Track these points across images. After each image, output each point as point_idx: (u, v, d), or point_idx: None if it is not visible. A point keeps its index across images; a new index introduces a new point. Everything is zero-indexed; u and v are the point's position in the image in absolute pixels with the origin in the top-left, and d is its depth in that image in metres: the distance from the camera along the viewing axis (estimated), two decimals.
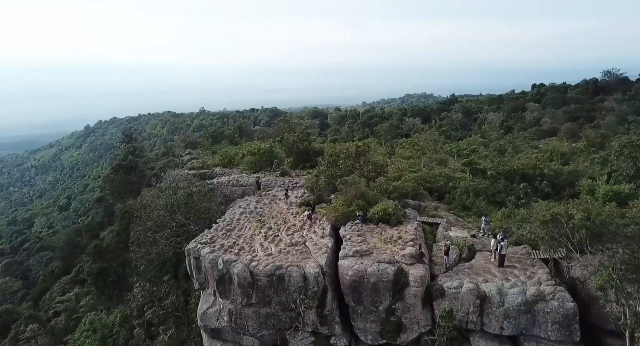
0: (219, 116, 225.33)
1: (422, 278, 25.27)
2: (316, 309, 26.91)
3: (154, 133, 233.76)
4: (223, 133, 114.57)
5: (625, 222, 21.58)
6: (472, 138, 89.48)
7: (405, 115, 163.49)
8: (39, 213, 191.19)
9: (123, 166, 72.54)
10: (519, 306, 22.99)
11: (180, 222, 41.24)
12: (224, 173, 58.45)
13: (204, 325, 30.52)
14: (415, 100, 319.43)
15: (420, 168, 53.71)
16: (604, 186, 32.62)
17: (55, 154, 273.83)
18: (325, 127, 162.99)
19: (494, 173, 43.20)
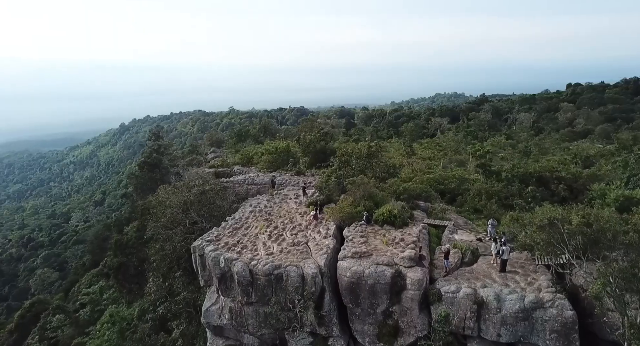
0: (247, 115, 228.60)
1: (420, 282, 24.92)
2: (314, 310, 26.97)
3: (185, 131, 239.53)
4: (248, 132, 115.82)
5: (624, 228, 20.57)
6: (496, 139, 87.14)
7: (433, 115, 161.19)
8: (76, 208, 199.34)
9: (148, 163, 74.57)
10: (517, 313, 22.34)
11: (193, 219, 42.12)
12: (242, 172, 59.26)
13: (206, 322, 31.10)
14: (445, 99, 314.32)
15: (437, 169, 52.97)
16: (615, 191, 31.14)
17: (92, 151, 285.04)
18: (351, 127, 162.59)
19: (508, 176, 42.04)
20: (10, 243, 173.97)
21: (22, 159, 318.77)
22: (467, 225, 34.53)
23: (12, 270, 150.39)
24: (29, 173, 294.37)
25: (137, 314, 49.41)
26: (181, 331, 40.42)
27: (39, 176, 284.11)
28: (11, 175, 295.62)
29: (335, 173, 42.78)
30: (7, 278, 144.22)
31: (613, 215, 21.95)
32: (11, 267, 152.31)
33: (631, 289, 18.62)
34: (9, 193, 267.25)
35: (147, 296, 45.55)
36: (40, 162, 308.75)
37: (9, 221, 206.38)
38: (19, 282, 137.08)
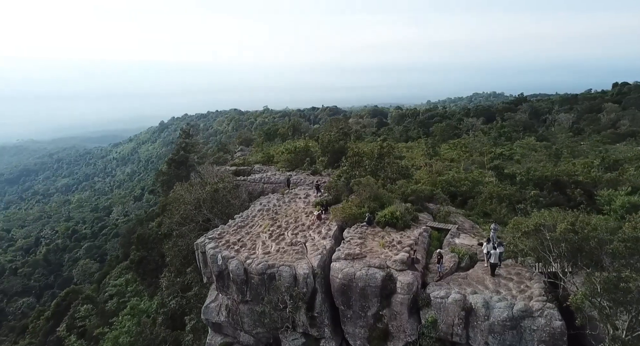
0: (280, 114, 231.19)
1: (409, 286, 24.51)
2: (306, 310, 27.07)
3: (220, 129, 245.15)
4: (277, 132, 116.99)
5: (609, 237, 19.44)
6: (525, 140, 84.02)
7: (467, 115, 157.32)
8: (117, 202, 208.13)
9: (174, 160, 76.96)
10: (504, 322, 21.60)
11: (205, 216, 43.22)
12: (261, 170, 60.17)
13: (205, 318, 31.86)
14: (483, 99, 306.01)
15: (456, 171, 51.79)
16: (622, 197, 29.33)
17: (134, 148, 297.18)
18: (382, 126, 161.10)
19: (523, 179, 40.53)
20: (57, 234, 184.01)
21: (70, 155, 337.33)
22: (473, 229, 33.61)
23: (57, 259, 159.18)
24: (75, 168, 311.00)
25: (156, 307, 51.19)
26: (192, 326, 41.53)
27: (85, 171, 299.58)
28: (60, 169, 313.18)
29: (346, 174, 42.71)
30: (54, 267, 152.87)
31: (600, 223, 20.78)
32: (57, 257, 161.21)
33: (615, 301, 17.61)
34: (58, 186, 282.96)
35: (159, 291, 47.09)
36: (86, 157, 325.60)
37: (57, 213, 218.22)
38: (63, 271, 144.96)
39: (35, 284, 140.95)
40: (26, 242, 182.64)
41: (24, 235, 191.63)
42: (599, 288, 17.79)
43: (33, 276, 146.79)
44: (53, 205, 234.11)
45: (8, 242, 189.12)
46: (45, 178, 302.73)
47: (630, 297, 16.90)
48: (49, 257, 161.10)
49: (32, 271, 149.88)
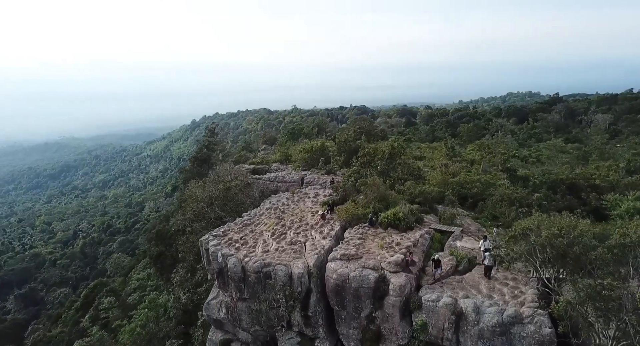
0: (308, 114, 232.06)
1: (401, 288, 24.22)
2: (300, 310, 27.15)
3: (249, 128, 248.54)
4: (302, 131, 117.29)
5: (595, 243, 18.56)
6: (552, 142, 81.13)
7: (498, 115, 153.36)
8: (149, 198, 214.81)
9: (197, 158, 78.86)
10: (494, 327, 21.06)
11: (217, 213, 44.06)
12: (278, 169, 60.65)
13: (207, 314, 32.48)
14: (518, 99, 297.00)
15: (477, 172, 50.71)
16: (627, 202, 27.81)
17: (166, 146, 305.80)
18: (411, 126, 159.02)
19: (536, 182, 39.21)
20: (93, 228, 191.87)
21: (107, 152, 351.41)
22: (479, 232, 32.80)
23: (93, 252, 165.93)
24: (112, 164, 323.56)
25: (172, 302, 52.50)
26: (202, 322, 42.38)
27: (120, 167, 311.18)
28: (97, 166, 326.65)
29: (356, 174, 42.61)
30: (89, 259, 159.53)
31: (588, 228, 19.84)
32: (93, 250, 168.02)
33: (598, 309, 16.87)
34: (95, 182, 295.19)
35: (170, 286, 48.28)
36: (122, 154, 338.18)
37: (94, 208, 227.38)
38: (98, 264, 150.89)
39: (72, 275, 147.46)
40: (65, 234, 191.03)
41: (63, 228, 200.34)
42: (581, 296, 17.10)
43: (70, 268, 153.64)
44: (90, 200, 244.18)
45: (49, 234, 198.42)
46: (84, 174, 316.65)
47: (611, 306, 16.19)
48: (85, 249, 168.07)
49: (70, 263, 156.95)
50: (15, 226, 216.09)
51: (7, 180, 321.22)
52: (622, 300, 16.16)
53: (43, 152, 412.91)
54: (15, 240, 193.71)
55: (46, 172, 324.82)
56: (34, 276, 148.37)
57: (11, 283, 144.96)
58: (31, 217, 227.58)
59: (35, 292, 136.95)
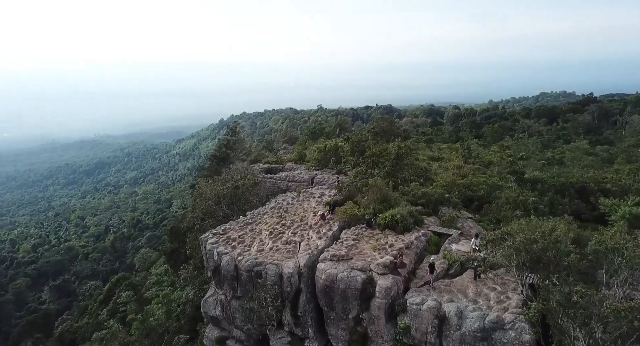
0: (333, 113, 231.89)
1: (387, 290, 24.02)
2: (290, 310, 27.28)
3: (275, 128, 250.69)
4: (323, 130, 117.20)
5: (569, 249, 17.84)
6: (576, 143, 78.23)
7: (528, 116, 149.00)
8: (177, 195, 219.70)
9: (216, 157, 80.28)
10: (475, 332, 20.65)
11: (224, 212, 44.73)
12: (292, 169, 61.03)
13: (204, 311, 32.94)
14: (551, 99, 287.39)
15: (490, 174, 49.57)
16: (624, 207, 26.42)
17: (195, 144, 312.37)
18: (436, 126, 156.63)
19: (545, 185, 37.96)
20: (124, 223, 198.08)
21: (139, 149, 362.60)
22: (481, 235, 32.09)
23: (123, 247, 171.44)
24: (143, 162, 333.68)
25: (185, 298, 53.74)
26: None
27: (151, 165, 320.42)
28: (129, 163, 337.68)
29: (361, 174, 42.45)
30: (119, 254, 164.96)
31: (563, 234, 19.06)
32: (122, 245, 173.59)
33: (568, 316, 16.28)
34: (127, 179, 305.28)
35: (177, 283, 49.34)
36: (152, 152, 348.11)
37: (125, 204, 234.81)
38: (127, 258, 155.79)
39: (102, 269, 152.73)
40: (97, 229, 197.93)
41: (95, 223, 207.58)
42: (553, 303, 16.57)
43: (101, 262, 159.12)
44: (122, 196, 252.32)
45: (82, 228, 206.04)
46: (117, 171, 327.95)
47: (581, 313, 15.64)
48: (115, 244, 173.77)
49: (101, 257, 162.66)
50: (52, 220, 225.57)
51: (46, 175, 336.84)
52: (591, 307, 15.60)
53: (79, 149, 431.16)
54: (51, 234, 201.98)
55: (81, 168, 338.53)
56: (67, 268, 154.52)
57: (47, 274, 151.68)
58: (67, 211, 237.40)
59: (68, 284, 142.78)
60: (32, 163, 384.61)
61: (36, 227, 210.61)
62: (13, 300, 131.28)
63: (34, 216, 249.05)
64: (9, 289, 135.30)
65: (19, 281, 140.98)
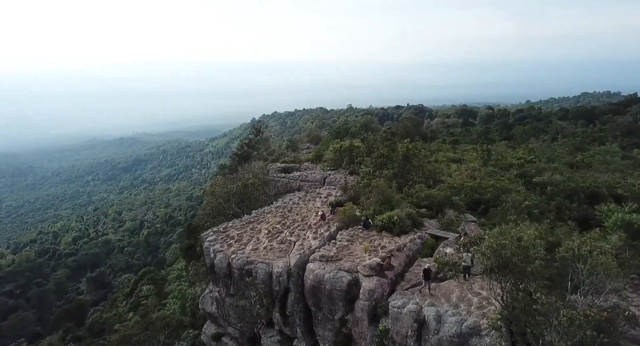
0: (363, 113, 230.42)
1: (371, 292, 23.82)
2: (280, 309, 27.45)
3: (305, 127, 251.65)
4: (348, 130, 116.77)
5: (537, 255, 17.07)
6: (604, 147, 74.49)
7: (564, 117, 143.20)
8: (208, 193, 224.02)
9: (238, 155, 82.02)
10: (452, 338, 20.20)
11: (234, 210, 45.58)
12: (307, 168, 61.47)
13: (202, 308, 33.70)
14: (594, 99, 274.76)
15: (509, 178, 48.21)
16: (616, 214, 24.83)
17: (227, 143, 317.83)
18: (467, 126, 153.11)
19: (554, 190, 36.48)
20: (157, 219, 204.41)
21: (173, 147, 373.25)
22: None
23: (155, 242, 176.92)
24: (177, 159, 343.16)
25: (199, 293, 55.06)
26: None
27: (185, 163, 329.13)
28: (164, 160, 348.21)
29: (368, 175, 42.25)
30: (152, 248, 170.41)
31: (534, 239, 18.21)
32: (155, 240, 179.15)
33: (530, 324, 15.69)
34: (162, 175, 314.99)
35: (184, 278, 50.59)
36: (186, 150, 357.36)
37: (159, 200, 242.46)
38: (159, 253, 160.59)
39: (136, 262, 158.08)
40: (132, 224, 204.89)
41: (131, 218, 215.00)
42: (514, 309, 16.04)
43: (135, 256, 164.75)
44: (156, 192, 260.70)
45: (119, 223, 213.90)
46: (152, 168, 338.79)
47: (539, 320, 15.10)
48: (149, 239, 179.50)
49: (135, 251, 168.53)
50: (92, 214, 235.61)
51: (87, 171, 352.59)
52: (550, 316, 15.03)
53: (118, 146, 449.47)
54: (90, 227, 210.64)
55: (120, 165, 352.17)
56: (104, 261, 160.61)
57: (85, 266, 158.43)
58: (105, 206, 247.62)
59: (104, 276, 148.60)
60: (75, 159, 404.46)
61: (77, 220, 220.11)
62: (54, 290, 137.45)
63: (76, 210, 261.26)
64: (50, 279, 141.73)
65: (60, 272, 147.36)
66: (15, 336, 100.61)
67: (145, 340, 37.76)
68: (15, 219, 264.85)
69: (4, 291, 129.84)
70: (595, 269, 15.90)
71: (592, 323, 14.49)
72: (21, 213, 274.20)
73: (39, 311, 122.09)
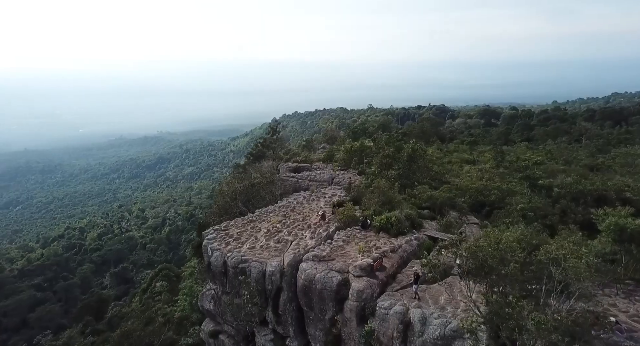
0: (384, 113, 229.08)
1: (359, 293, 23.74)
2: (272, 308, 27.60)
3: (324, 127, 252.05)
4: (365, 130, 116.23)
5: (515, 258, 16.63)
6: (627, 149, 71.93)
7: (591, 118, 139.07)
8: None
9: (253, 155, 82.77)
10: (436, 340, 20.01)
11: (240, 209, 46.02)
12: (318, 168, 61.60)
13: (200, 305, 34.18)
14: (625, 100, 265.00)
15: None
16: (609, 218, 23.75)
17: (248, 142, 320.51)
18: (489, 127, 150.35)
19: (560, 192, 35.50)
20: (179, 216, 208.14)
21: (196, 146, 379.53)
22: None
23: (177, 239, 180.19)
24: (200, 158, 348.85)
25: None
26: None
27: (207, 161, 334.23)
28: (187, 159, 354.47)
29: (373, 176, 42.11)
30: (173, 245, 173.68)
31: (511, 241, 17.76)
32: (176, 237, 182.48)
33: (503, 327, 15.37)
34: (184, 174, 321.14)
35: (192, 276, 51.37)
36: (208, 149, 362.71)
37: (181, 198, 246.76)
38: (180, 250, 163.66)
39: (157, 259, 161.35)
40: (155, 221, 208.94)
41: (154, 215, 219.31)
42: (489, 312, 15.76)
43: (157, 252, 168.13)
44: (179, 190, 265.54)
45: (142, 220, 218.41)
46: (175, 166, 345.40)
47: (510, 324, 14.81)
48: (170, 236, 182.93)
49: (157, 248, 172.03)
50: (116, 211, 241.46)
51: (113, 169, 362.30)
52: (519, 319, 14.74)
53: (143, 144, 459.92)
54: (115, 224, 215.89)
55: (144, 163, 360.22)
56: (127, 257, 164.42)
57: (109, 261, 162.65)
58: (129, 203, 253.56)
59: (126, 272, 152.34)
60: (102, 157, 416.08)
61: (102, 216, 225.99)
62: (79, 284, 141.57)
63: (101, 206, 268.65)
64: (76, 273, 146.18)
65: (85, 266, 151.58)
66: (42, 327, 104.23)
67: (147, 335, 38.55)
68: (45, 215, 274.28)
69: (33, 284, 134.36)
70: (566, 273, 15.52)
71: (562, 327, 14.16)
72: (50, 209, 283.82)
73: (64, 304, 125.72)
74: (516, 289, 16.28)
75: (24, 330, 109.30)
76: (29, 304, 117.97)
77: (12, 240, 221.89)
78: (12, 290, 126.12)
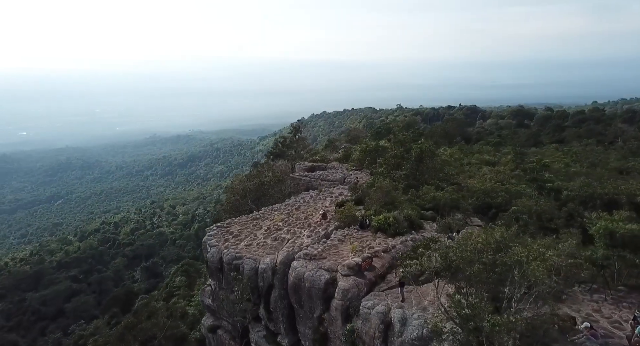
0: (413, 113, 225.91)
1: (345, 292, 23.65)
2: (264, 305, 27.85)
3: (352, 127, 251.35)
4: (390, 130, 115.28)
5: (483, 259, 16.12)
6: None
7: (632, 119, 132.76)
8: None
9: (273, 153, 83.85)
10: (414, 341, 19.70)
11: (249, 207, 46.73)
12: (333, 168, 61.83)
13: (201, 300, 34.87)
14: None
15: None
16: (602, 222, 22.42)
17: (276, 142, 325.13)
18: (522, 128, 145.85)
19: (569, 195, 34.16)
20: (208, 214, 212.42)
21: (226, 145, 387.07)
22: None
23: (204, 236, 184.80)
24: (229, 157, 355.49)
25: None
26: None
27: (236, 160, 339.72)
28: (217, 157, 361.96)
29: (380, 175, 41.86)
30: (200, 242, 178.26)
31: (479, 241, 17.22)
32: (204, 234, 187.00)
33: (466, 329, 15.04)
34: (214, 172, 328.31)
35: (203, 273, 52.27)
36: (238, 148, 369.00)
37: (210, 195, 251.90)
38: None
39: (186, 255, 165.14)
40: (185, 218, 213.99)
41: (184, 212, 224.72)
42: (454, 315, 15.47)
43: (185, 248, 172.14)
44: (208, 188, 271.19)
45: (173, 216, 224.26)
46: (206, 165, 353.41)
47: (469, 325, 14.50)
48: (199, 233, 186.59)
49: (186, 244, 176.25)
50: (149, 207, 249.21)
51: (146, 166, 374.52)
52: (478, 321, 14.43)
53: (175, 143, 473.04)
54: (147, 219, 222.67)
55: (176, 161, 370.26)
56: (157, 252, 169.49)
57: (141, 256, 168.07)
58: (161, 200, 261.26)
59: (156, 266, 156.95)
60: (137, 154, 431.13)
61: (135, 212, 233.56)
62: (112, 277, 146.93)
63: (135, 203, 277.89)
64: (109, 267, 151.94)
65: (118, 260, 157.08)
66: (77, 317, 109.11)
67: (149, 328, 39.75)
68: (83, 209, 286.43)
69: (70, 275, 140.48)
70: (525, 275, 15.09)
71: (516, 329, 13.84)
72: (88, 204, 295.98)
73: (98, 295, 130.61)
74: (482, 290, 15.95)
75: (60, 319, 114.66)
76: (66, 295, 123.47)
77: (53, 233, 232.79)
78: (51, 280, 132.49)
